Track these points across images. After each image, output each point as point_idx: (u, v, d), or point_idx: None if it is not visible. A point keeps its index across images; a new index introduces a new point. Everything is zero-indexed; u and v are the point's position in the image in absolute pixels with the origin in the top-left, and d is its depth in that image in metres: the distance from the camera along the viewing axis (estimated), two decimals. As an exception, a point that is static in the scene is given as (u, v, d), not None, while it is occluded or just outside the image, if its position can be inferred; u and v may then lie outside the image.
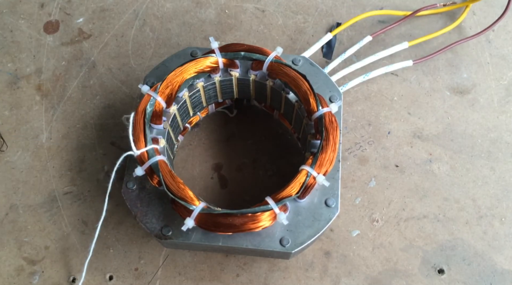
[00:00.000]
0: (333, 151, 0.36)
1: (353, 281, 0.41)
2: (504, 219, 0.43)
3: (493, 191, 0.44)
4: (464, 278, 0.41)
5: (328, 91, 0.41)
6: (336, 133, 0.37)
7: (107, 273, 0.42)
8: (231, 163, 0.45)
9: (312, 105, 0.37)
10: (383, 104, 0.48)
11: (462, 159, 0.46)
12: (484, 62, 0.50)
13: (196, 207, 0.34)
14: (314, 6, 0.53)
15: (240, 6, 0.53)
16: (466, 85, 0.49)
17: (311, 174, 0.35)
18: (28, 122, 0.47)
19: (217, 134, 0.46)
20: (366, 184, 0.44)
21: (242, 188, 0.44)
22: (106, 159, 0.45)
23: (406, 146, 0.46)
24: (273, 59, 0.39)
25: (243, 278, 0.41)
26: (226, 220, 0.34)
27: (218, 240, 0.35)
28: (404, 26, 0.51)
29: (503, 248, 0.42)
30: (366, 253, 0.42)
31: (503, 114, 0.48)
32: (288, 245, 0.35)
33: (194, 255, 0.42)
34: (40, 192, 0.44)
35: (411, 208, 0.44)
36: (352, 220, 0.43)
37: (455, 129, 0.47)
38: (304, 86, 0.38)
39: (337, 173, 0.37)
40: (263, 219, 0.34)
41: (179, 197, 0.34)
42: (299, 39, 0.51)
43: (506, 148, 0.46)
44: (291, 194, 0.35)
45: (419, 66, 0.49)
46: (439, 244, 0.42)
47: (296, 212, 0.36)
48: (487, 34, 0.51)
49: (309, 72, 0.41)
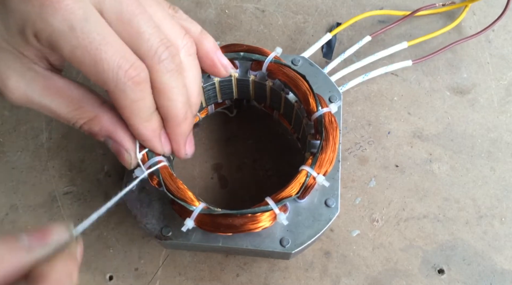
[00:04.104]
0: (333, 151, 0.36)
1: (353, 281, 0.41)
2: (504, 219, 0.43)
3: (493, 191, 0.44)
4: (464, 278, 0.41)
5: (328, 91, 0.41)
6: (335, 133, 0.37)
7: (107, 273, 0.42)
8: (231, 163, 0.45)
9: (312, 106, 0.37)
10: (383, 104, 0.48)
11: (462, 159, 0.46)
12: (484, 62, 0.50)
13: (196, 208, 0.34)
14: (314, 6, 0.53)
15: (240, 6, 0.53)
16: (466, 85, 0.49)
17: (311, 174, 0.35)
18: (28, 122, 0.47)
19: (217, 134, 0.46)
20: (366, 184, 0.44)
21: (242, 188, 0.44)
22: (106, 159, 0.45)
23: (406, 146, 0.46)
24: (272, 60, 0.39)
25: (243, 278, 0.41)
26: (226, 221, 0.34)
27: (218, 240, 0.35)
28: (404, 26, 0.51)
29: (503, 248, 0.42)
30: (366, 253, 0.42)
31: (503, 114, 0.48)
32: (288, 246, 0.35)
33: (194, 255, 0.42)
34: (40, 192, 0.44)
35: (411, 208, 0.44)
36: (352, 220, 0.43)
37: (455, 129, 0.47)
38: (304, 86, 0.38)
39: (337, 173, 0.37)
40: (263, 219, 0.34)
41: (179, 198, 0.34)
42: (299, 39, 0.51)
43: (506, 148, 0.46)
44: (291, 194, 0.35)
45: (419, 66, 0.49)
46: (439, 244, 0.42)
47: (296, 212, 0.36)
48: (487, 34, 0.51)
49: (309, 73, 0.41)
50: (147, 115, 0.31)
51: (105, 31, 0.28)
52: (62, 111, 0.31)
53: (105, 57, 0.28)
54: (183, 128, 0.33)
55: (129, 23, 0.29)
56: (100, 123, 0.32)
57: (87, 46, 0.27)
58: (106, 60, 0.28)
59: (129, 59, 0.28)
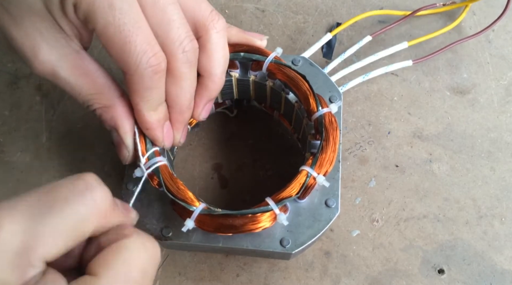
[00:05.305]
0: (333, 151, 0.36)
1: (353, 281, 0.41)
2: (504, 219, 0.43)
3: (493, 191, 0.44)
4: (464, 278, 0.41)
5: (328, 91, 0.41)
6: (336, 133, 0.37)
7: (107, 273, 0.42)
8: (231, 163, 0.45)
9: (312, 106, 0.37)
10: (383, 104, 0.48)
11: (462, 159, 0.46)
12: (484, 62, 0.50)
13: (196, 208, 0.34)
14: (314, 6, 0.53)
15: (240, 6, 0.53)
16: (466, 85, 0.49)
17: (311, 174, 0.35)
18: (28, 122, 0.47)
19: (217, 134, 0.46)
20: (366, 184, 0.44)
21: (242, 188, 0.44)
22: (106, 159, 0.45)
23: (406, 146, 0.46)
24: (272, 60, 0.39)
25: (243, 278, 0.41)
26: (226, 221, 0.34)
27: (219, 241, 0.35)
28: (404, 26, 0.51)
29: (503, 248, 0.42)
30: (366, 253, 0.42)
31: (503, 114, 0.48)
32: (288, 246, 0.35)
33: (194, 255, 0.42)
34: (40, 192, 0.44)
35: (411, 208, 0.44)
36: (352, 220, 0.43)
37: (455, 129, 0.47)
38: (304, 86, 0.38)
39: (337, 173, 0.37)
40: (263, 219, 0.34)
41: (179, 198, 0.34)
42: (299, 39, 0.51)
43: (506, 148, 0.46)
44: (291, 195, 0.35)
45: (419, 66, 0.49)
46: (439, 244, 0.42)
47: (296, 212, 0.36)
48: (487, 34, 0.51)
49: (309, 73, 0.41)
50: (156, 105, 0.33)
51: (139, 16, 0.29)
52: (83, 92, 0.32)
53: (134, 40, 0.29)
54: (186, 116, 0.36)
55: (164, 10, 0.30)
56: (112, 113, 0.33)
57: (120, 26, 0.28)
58: (134, 44, 0.29)
59: (154, 47, 0.30)
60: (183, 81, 0.33)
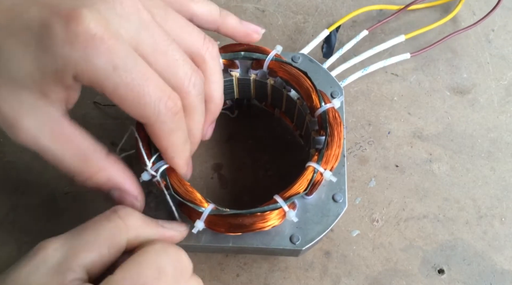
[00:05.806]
0: (338, 146, 0.36)
1: (353, 281, 0.41)
2: (504, 219, 0.43)
3: (493, 191, 0.44)
4: (464, 278, 0.41)
5: (329, 87, 0.41)
6: (340, 128, 0.37)
7: (107, 273, 0.42)
8: (231, 163, 0.45)
9: (315, 102, 0.37)
10: (383, 104, 0.48)
11: (462, 159, 0.46)
12: (484, 62, 0.50)
13: (205, 209, 0.34)
14: (314, 6, 0.53)
15: (240, 6, 0.53)
16: (466, 85, 0.49)
17: (318, 170, 0.35)
18: (28, 122, 0.47)
19: (217, 134, 0.46)
20: (366, 184, 0.44)
21: (242, 188, 0.44)
22: (106, 159, 0.45)
23: (406, 146, 0.46)
24: (273, 58, 0.39)
25: (243, 278, 0.41)
26: (235, 221, 0.34)
27: (228, 240, 0.35)
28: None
29: (503, 248, 0.42)
30: (366, 253, 0.42)
31: (503, 114, 0.48)
32: (298, 242, 0.35)
33: (194, 255, 0.42)
34: (40, 192, 0.44)
35: (411, 208, 0.44)
36: (352, 220, 0.43)
37: (455, 129, 0.47)
38: (306, 83, 0.38)
39: (343, 168, 0.37)
40: (272, 217, 0.34)
41: (188, 200, 0.34)
42: (299, 39, 0.51)
43: (506, 148, 0.46)
44: (299, 191, 0.35)
45: (419, 66, 0.49)
46: (439, 244, 0.42)
47: (304, 209, 0.36)
48: (487, 34, 0.51)
49: (309, 69, 0.41)
50: (183, 144, 0.34)
51: (144, 67, 0.29)
52: (67, 161, 0.31)
53: (147, 92, 0.29)
54: (197, 146, 0.37)
55: (165, 53, 0.30)
56: (107, 175, 0.32)
57: (130, 83, 0.28)
58: (149, 94, 0.29)
59: (166, 91, 0.30)
60: (196, 114, 0.34)
